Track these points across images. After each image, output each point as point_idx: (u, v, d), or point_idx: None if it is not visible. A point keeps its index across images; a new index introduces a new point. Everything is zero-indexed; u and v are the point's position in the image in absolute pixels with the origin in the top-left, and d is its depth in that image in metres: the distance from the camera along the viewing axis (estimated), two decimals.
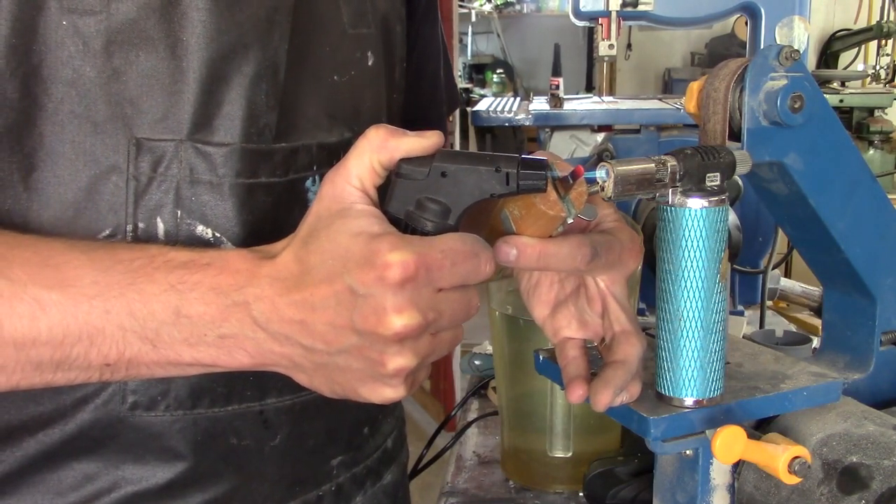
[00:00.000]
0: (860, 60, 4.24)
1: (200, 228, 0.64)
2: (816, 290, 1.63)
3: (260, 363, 0.58)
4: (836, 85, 3.80)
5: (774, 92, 0.72)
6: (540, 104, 1.78)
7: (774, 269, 1.52)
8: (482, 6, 5.92)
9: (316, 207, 0.58)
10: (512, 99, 1.96)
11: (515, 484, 1.08)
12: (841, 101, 3.60)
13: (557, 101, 1.70)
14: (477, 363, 1.42)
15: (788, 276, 2.23)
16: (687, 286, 0.66)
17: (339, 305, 0.54)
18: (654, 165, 0.63)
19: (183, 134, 0.63)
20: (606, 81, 1.84)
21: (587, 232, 0.65)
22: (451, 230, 0.58)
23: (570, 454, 1.03)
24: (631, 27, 4.61)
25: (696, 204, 0.65)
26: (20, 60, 0.59)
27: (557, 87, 1.72)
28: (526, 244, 0.60)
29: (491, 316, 1.05)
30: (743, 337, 1.16)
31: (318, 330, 0.55)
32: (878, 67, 3.92)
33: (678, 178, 0.64)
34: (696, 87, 0.76)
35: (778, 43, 0.89)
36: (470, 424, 1.26)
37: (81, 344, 0.55)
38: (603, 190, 0.61)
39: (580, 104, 1.76)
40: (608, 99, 1.82)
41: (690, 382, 0.68)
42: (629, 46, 5.18)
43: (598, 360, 0.68)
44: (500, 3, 6.03)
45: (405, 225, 0.58)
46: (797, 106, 0.73)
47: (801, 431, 0.76)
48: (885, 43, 3.91)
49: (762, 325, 1.45)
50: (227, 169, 0.64)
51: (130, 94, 0.61)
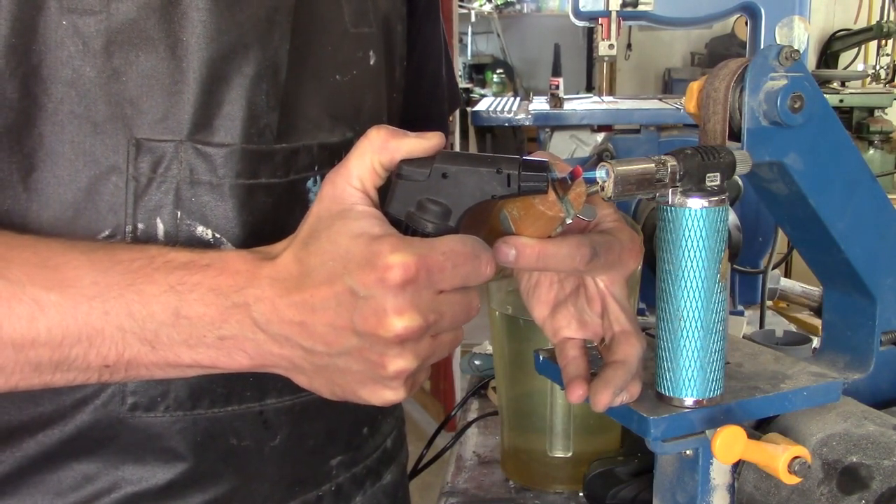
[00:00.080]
0: (860, 60, 4.24)
1: (200, 229, 0.64)
2: (816, 290, 1.63)
3: (259, 365, 0.58)
4: (836, 85, 3.79)
5: (774, 92, 0.72)
6: (540, 104, 1.78)
7: (774, 269, 1.52)
8: (482, 6, 5.92)
9: (316, 208, 0.57)
10: (512, 99, 1.96)
11: (515, 484, 1.08)
12: (841, 101, 3.60)
13: (557, 101, 1.70)
14: (477, 363, 1.42)
15: (788, 276, 2.23)
16: (687, 286, 0.66)
17: (339, 307, 0.54)
18: (654, 165, 0.63)
19: (183, 134, 0.63)
20: (606, 81, 1.85)
21: (586, 232, 0.65)
22: (451, 231, 0.57)
23: (570, 454, 1.03)
24: (631, 27, 4.61)
25: (696, 204, 0.65)
26: (20, 60, 0.59)
27: (557, 87, 1.72)
28: (525, 245, 0.60)
29: (491, 316, 1.05)
30: (743, 337, 1.16)
31: (318, 331, 0.55)
32: (878, 67, 3.92)
33: (678, 178, 0.64)
34: (696, 87, 0.76)
35: (778, 43, 0.89)
36: (470, 424, 1.26)
37: (80, 345, 0.55)
38: (603, 190, 0.61)
39: (580, 104, 1.76)
40: (608, 99, 1.82)
41: (690, 382, 0.68)
42: (629, 46, 5.18)
43: (598, 360, 0.68)
44: (500, 3, 6.03)
45: (406, 226, 0.57)
46: (797, 106, 0.73)
47: (801, 431, 0.76)
48: (885, 43, 3.91)
49: (762, 325, 1.45)
50: (227, 169, 0.64)
51: (130, 94, 0.61)
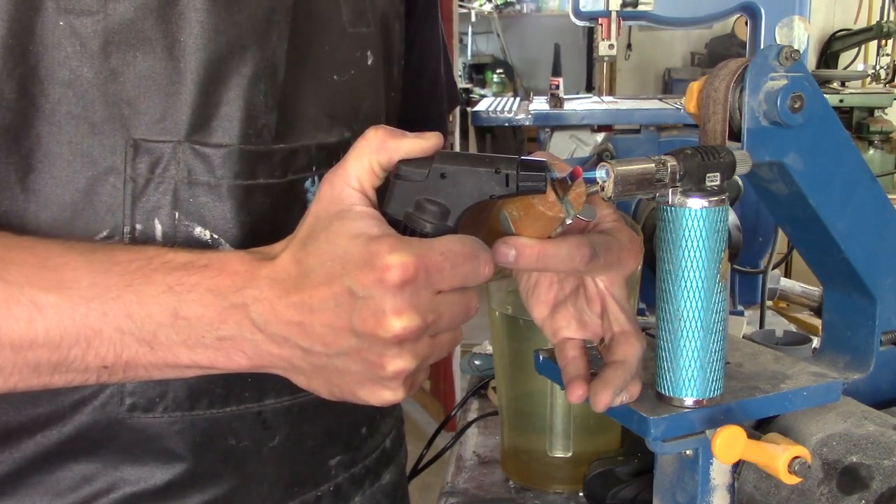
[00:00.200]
0: (860, 60, 4.24)
1: (198, 230, 0.64)
2: (816, 290, 1.63)
3: (258, 365, 0.58)
4: (836, 85, 3.79)
5: (774, 92, 0.72)
6: (540, 104, 1.78)
7: (774, 269, 1.52)
8: (482, 6, 5.92)
9: (314, 208, 0.57)
10: (512, 99, 1.96)
11: (515, 484, 1.08)
12: (841, 101, 3.60)
13: (557, 101, 1.70)
14: (477, 363, 1.42)
15: (788, 276, 2.23)
16: (687, 286, 0.66)
17: (337, 307, 0.54)
18: (654, 165, 0.63)
19: (181, 135, 0.63)
20: (606, 81, 1.85)
21: (586, 232, 0.65)
22: (450, 232, 0.57)
23: (570, 454, 1.03)
24: (631, 27, 4.61)
25: (696, 204, 0.65)
26: (17, 61, 0.58)
27: (557, 87, 1.72)
28: (525, 245, 0.60)
29: (491, 316, 1.05)
30: (743, 337, 1.16)
31: (316, 332, 0.55)
32: (878, 67, 3.92)
33: (678, 178, 0.64)
34: (696, 87, 0.76)
35: (778, 43, 0.89)
36: (470, 424, 1.26)
37: (79, 346, 0.55)
38: (603, 190, 0.61)
39: (580, 104, 1.76)
40: (608, 99, 1.82)
41: (690, 382, 0.68)
42: (629, 46, 5.18)
43: (597, 360, 0.68)
44: (500, 3, 6.03)
45: (404, 226, 0.57)
46: (797, 106, 0.73)
47: (801, 431, 0.76)
48: (885, 43, 3.91)
49: (762, 325, 1.45)
50: (225, 170, 0.64)
51: (128, 94, 0.61)
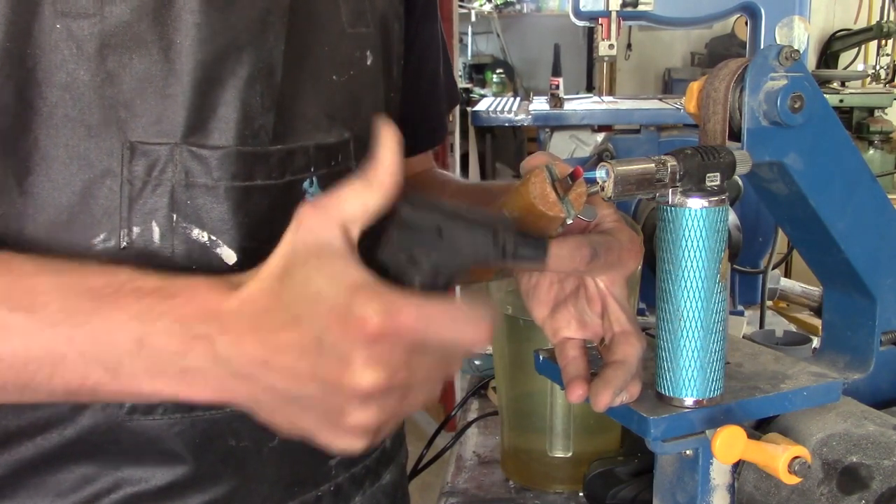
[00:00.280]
0: (860, 60, 4.24)
1: (196, 232, 0.64)
2: (816, 290, 1.63)
3: (220, 398, 0.55)
4: (836, 85, 3.80)
5: (774, 92, 0.72)
6: (540, 104, 1.79)
7: (774, 269, 1.52)
8: (482, 6, 5.92)
9: (292, 237, 0.54)
10: (512, 99, 1.97)
11: (515, 484, 1.08)
12: (841, 101, 3.60)
13: (557, 101, 1.70)
14: (477, 363, 1.42)
15: (788, 276, 2.23)
16: (687, 286, 0.66)
17: (303, 351, 0.51)
18: (654, 165, 0.63)
19: (177, 137, 0.62)
20: (606, 81, 1.85)
21: (587, 232, 0.65)
22: (439, 289, 0.54)
23: (570, 454, 1.03)
24: (631, 27, 4.61)
25: (696, 204, 0.65)
26: (14, 64, 0.58)
27: (557, 87, 1.72)
28: None
29: None
30: (743, 337, 1.16)
31: (280, 372, 0.52)
32: (878, 67, 3.92)
33: (678, 178, 0.64)
34: (696, 87, 0.76)
35: (778, 43, 0.89)
36: (470, 424, 1.26)
37: (43, 370, 0.53)
38: (603, 190, 0.61)
39: (580, 104, 1.76)
40: (608, 99, 1.82)
41: (690, 382, 0.68)
42: (629, 46, 5.18)
43: (598, 360, 0.68)
44: (500, 3, 6.02)
45: (393, 276, 0.53)
46: (797, 106, 0.73)
47: (801, 431, 0.76)
48: (885, 43, 3.91)
49: (762, 325, 1.45)
50: (222, 172, 0.64)
51: (124, 97, 0.61)
